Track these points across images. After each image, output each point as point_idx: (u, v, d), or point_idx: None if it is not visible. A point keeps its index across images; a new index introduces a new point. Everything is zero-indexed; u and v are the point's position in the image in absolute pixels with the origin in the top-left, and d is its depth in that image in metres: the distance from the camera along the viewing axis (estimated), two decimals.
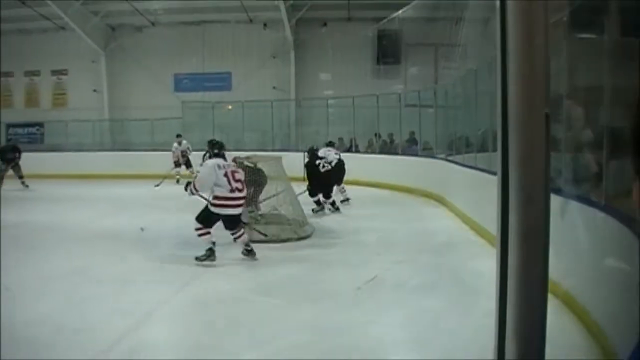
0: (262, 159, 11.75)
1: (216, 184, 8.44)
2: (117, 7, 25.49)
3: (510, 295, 1.74)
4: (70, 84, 28.44)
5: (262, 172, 11.21)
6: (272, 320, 6.04)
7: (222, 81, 26.95)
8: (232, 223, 8.68)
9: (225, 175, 8.47)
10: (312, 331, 5.62)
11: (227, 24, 26.45)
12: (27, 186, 19.41)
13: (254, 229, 10.36)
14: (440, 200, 14.33)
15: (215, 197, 8.48)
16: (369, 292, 6.94)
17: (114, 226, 11.26)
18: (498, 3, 1.68)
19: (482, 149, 10.93)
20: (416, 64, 23.36)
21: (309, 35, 25.78)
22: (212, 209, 8.47)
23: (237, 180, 8.53)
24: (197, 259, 8.41)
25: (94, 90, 27.69)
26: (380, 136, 20.99)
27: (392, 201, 15.85)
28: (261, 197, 11.32)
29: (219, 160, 8.77)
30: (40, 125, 28.21)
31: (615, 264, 4.62)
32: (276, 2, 23.15)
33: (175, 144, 20.75)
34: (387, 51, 24.63)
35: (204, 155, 14.35)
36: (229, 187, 8.41)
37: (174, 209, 13.11)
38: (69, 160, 23.47)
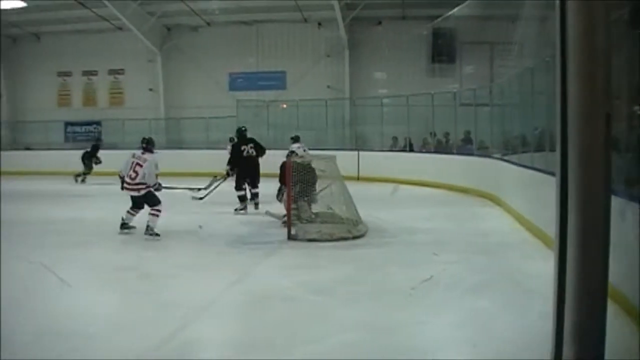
0: (316, 157, 11.76)
1: None
2: (173, 8, 25.79)
3: (568, 298, 1.72)
4: (126, 83, 28.95)
5: (313, 170, 11.23)
6: (324, 318, 6.05)
7: (276, 80, 27.07)
8: (139, 201, 10.49)
9: (131, 164, 10.35)
10: (364, 330, 5.60)
11: (281, 23, 26.57)
12: (83, 181, 20.17)
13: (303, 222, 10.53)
14: (495, 201, 14.18)
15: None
16: (424, 292, 6.90)
17: (167, 223, 11.40)
18: (558, 2, 1.66)
19: (539, 148, 10.77)
20: (471, 63, 23.19)
21: (364, 34, 25.73)
22: None
23: (134, 171, 10.27)
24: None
25: (150, 89, 28.09)
26: (435, 135, 20.82)
27: (447, 201, 15.74)
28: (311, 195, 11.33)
29: (136, 152, 10.69)
30: (97, 123, 28.80)
31: None
32: (331, 1, 23.13)
33: (229, 147, 20.86)
34: (442, 50, 24.44)
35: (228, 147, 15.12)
36: (126, 173, 10.32)
37: (227, 206, 13.28)
38: (125, 158, 23.79)
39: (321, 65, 26.44)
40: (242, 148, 13.58)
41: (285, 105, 25.55)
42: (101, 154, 21.85)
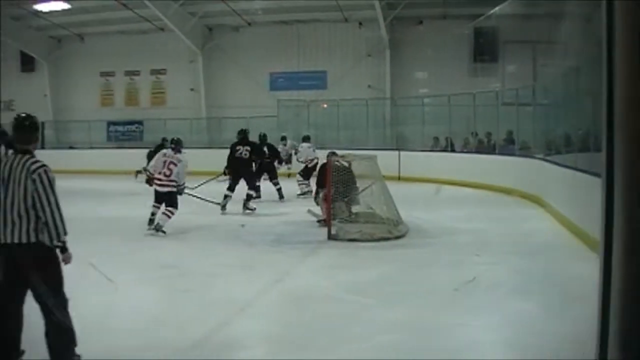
0: (357, 157, 11.74)
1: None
2: (215, 8, 26.04)
3: (613, 302, 1.69)
4: (168, 83, 29.27)
5: (351, 171, 11.20)
6: (365, 318, 6.04)
7: (317, 80, 27.06)
8: (163, 198, 10.82)
9: (164, 162, 10.87)
10: (406, 331, 5.58)
11: (322, 23, 26.58)
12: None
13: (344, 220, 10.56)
14: (537, 202, 14.00)
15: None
16: (466, 293, 6.85)
17: (210, 222, 11.49)
18: (604, 2, 1.63)
19: (583, 148, 10.61)
20: (514, 62, 22.93)
21: (405, 33, 25.58)
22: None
23: (168, 169, 10.80)
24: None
25: (191, 89, 28.36)
26: (477, 135, 20.60)
27: (489, 202, 15.58)
28: (352, 195, 11.31)
29: (167, 151, 11.40)
30: (139, 123, 29.15)
31: None
32: (372, 1, 23.07)
33: (281, 146, 20.42)
34: (484, 49, 24.23)
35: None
36: (158, 170, 10.86)
37: (272, 206, 13.34)
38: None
39: (362, 65, 26.37)
40: (237, 148, 13.58)
41: (325, 105, 25.61)
42: (139, 153, 21.98)
